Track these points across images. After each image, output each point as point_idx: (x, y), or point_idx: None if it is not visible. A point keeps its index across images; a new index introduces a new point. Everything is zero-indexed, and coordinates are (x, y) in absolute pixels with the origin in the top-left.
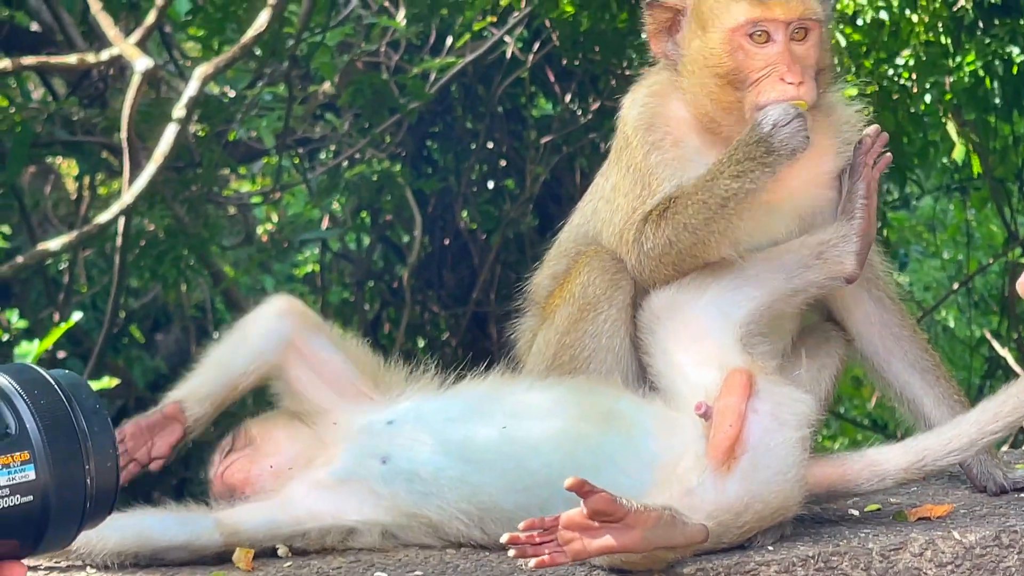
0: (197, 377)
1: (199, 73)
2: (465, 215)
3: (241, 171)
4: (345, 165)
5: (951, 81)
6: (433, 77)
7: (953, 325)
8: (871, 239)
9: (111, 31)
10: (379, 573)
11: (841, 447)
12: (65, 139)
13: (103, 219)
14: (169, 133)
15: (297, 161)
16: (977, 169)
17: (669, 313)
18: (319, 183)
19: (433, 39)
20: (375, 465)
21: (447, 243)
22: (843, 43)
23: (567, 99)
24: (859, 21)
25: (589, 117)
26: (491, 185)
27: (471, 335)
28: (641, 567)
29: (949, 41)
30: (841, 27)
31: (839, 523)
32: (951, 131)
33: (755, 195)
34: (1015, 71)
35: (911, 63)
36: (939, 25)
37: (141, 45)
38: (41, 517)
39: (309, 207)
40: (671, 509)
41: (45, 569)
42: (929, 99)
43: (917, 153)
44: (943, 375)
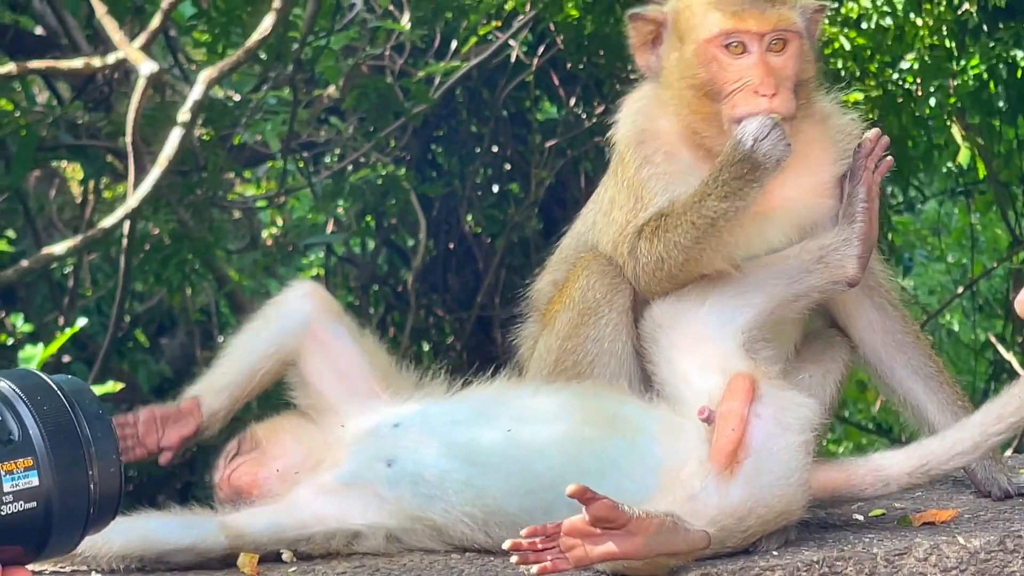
0: (216, 368)
1: (204, 77)
2: (470, 219)
3: (246, 175)
4: (350, 169)
5: (955, 85)
6: (438, 81)
7: (958, 329)
8: (873, 243)
9: (116, 35)
10: None
11: (846, 451)
12: (70, 143)
13: (108, 223)
14: (174, 137)
15: (302, 165)
16: (982, 173)
17: (671, 321)
18: (324, 187)
19: (438, 43)
20: (381, 468)
21: (452, 247)
22: (848, 47)
23: (572, 103)
24: (864, 25)
25: (594, 121)
26: (496, 189)
27: (476, 339)
28: (643, 573)
29: (953, 45)
30: (846, 31)
31: (843, 528)
32: (955, 135)
33: (745, 210)
34: (1020, 75)
35: (915, 67)
36: (943, 29)
37: (146, 49)
38: (45, 523)
39: (314, 211)
40: (673, 516)
41: (50, 574)
42: (933, 103)
43: (921, 157)
44: (946, 381)
